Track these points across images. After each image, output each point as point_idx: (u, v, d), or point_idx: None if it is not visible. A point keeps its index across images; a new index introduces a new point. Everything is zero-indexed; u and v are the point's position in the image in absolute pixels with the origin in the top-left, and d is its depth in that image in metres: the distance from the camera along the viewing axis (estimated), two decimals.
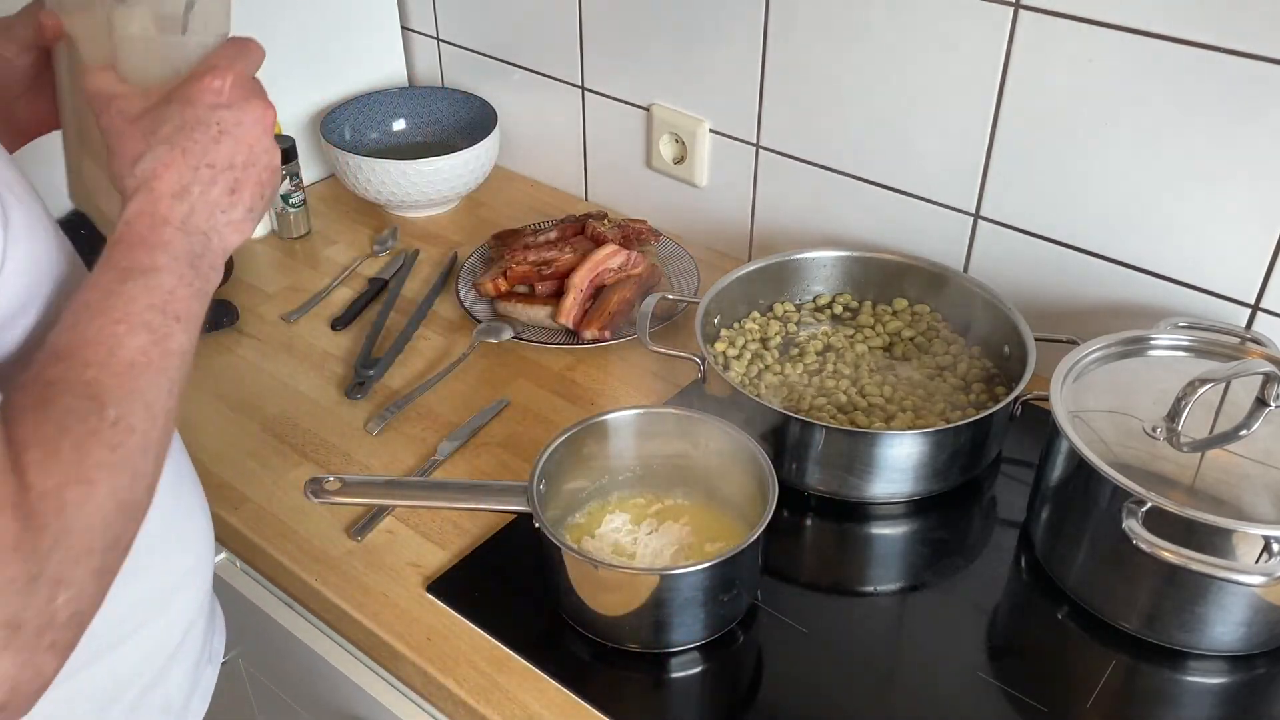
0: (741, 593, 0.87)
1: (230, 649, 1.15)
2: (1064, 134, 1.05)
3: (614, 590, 0.84)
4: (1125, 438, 0.87)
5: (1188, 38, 0.94)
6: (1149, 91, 0.98)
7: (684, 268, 1.30)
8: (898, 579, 0.96)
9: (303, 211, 1.40)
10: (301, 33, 1.43)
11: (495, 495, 0.88)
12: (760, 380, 1.09)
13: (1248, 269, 1.00)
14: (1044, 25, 1.01)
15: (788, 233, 1.31)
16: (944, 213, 1.16)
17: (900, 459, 0.97)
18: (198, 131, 0.63)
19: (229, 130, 0.64)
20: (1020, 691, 0.84)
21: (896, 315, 1.16)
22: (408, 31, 1.58)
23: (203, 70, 0.64)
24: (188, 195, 0.62)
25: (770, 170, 1.29)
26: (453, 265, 1.35)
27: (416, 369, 1.18)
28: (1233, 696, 0.86)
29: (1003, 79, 1.06)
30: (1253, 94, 0.93)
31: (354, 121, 1.49)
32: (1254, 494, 0.84)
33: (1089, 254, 1.08)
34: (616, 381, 1.16)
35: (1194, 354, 0.95)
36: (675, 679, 0.86)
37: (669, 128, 1.34)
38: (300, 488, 0.89)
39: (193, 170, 0.62)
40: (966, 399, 1.06)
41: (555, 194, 1.52)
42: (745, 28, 1.21)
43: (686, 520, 0.93)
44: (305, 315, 1.27)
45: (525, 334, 1.20)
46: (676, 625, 0.85)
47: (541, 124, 1.49)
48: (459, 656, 0.87)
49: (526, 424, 1.10)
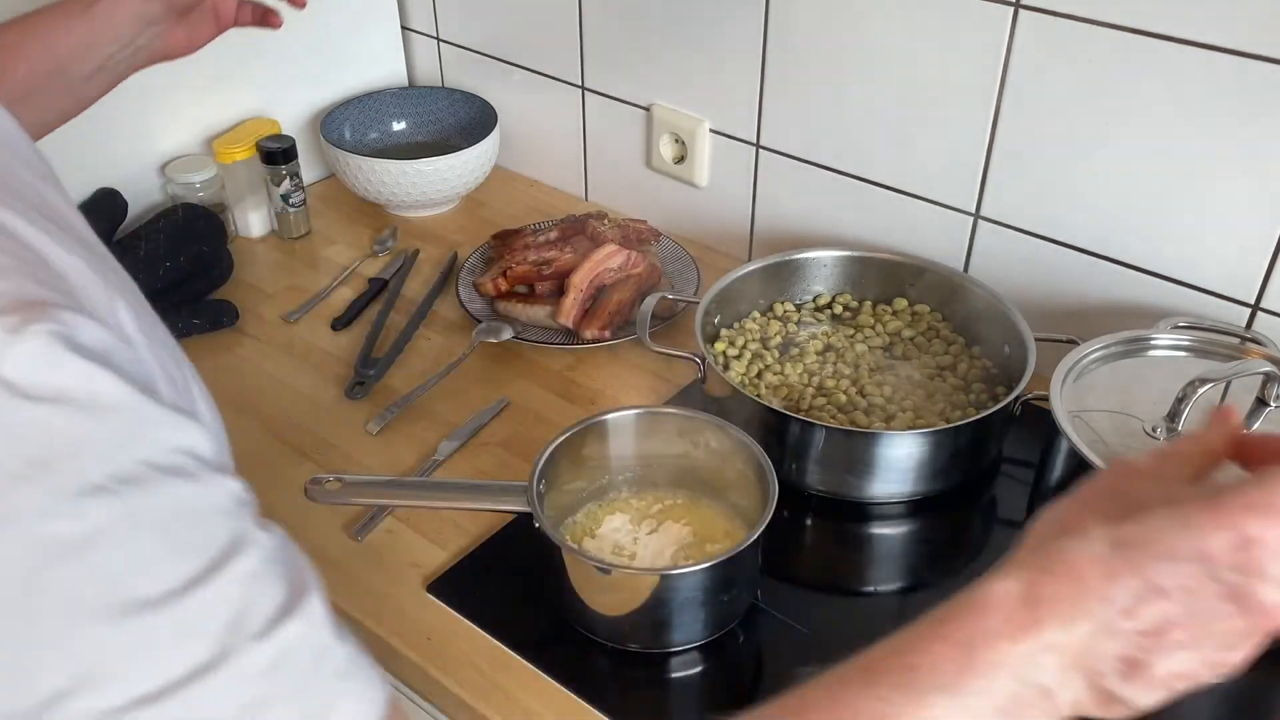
0: (741, 593, 0.87)
1: None
2: (1064, 134, 1.05)
3: (614, 590, 0.84)
4: (1125, 438, 0.87)
5: (1188, 38, 0.94)
6: (1149, 91, 0.98)
7: (684, 268, 1.30)
8: (898, 579, 0.96)
9: (303, 211, 1.40)
10: (301, 33, 1.43)
11: (495, 495, 0.88)
12: (760, 380, 1.09)
13: (1248, 269, 1.00)
14: (1044, 25, 1.01)
15: (788, 233, 1.31)
16: (944, 213, 1.16)
17: (900, 459, 0.97)
18: (1161, 563, 0.44)
19: (1195, 594, 0.44)
20: None
21: (896, 315, 1.16)
22: (408, 31, 1.58)
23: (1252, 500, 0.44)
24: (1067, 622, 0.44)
25: (770, 170, 1.29)
26: (453, 265, 1.35)
27: (416, 369, 1.18)
28: (1233, 696, 0.86)
29: (1003, 79, 1.06)
30: (1253, 94, 0.93)
31: (354, 121, 1.49)
32: None
33: (1089, 254, 1.08)
34: (616, 381, 1.16)
35: (1194, 354, 0.95)
36: (675, 679, 0.86)
37: (669, 128, 1.34)
38: (300, 488, 0.89)
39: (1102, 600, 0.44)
40: (966, 399, 1.06)
41: (555, 194, 1.52)
42: (745, 28, 1.21)
43: (686, 520, 0.93)
44: (305, 315, 1.27)
45: (525, 334, 1.20)
46: (676, 625, 0.85)
47: (541, 124, 1.49)
48: (459, 656, 0.87)
49: (526, 424, 1.10)
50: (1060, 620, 0.44)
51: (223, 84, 1.38)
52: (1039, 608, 0.44)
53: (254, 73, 1.40)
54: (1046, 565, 0.45)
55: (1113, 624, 0.44)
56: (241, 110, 1.41)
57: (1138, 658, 0.44)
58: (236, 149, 1.36)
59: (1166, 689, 0.45)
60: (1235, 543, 0.43)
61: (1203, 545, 0.44)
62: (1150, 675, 0.44)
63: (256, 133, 1.37)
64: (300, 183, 1.38)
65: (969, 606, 0.46)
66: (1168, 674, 0.45)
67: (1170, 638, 0.44)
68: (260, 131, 1.37)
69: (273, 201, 1.38)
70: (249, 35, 1.06)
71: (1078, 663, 0.44)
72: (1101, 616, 0.44)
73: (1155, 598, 0.44)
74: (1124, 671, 0.44)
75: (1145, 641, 0.44)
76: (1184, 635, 0.44)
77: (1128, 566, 0.44)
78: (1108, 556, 0.44)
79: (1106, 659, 0.44)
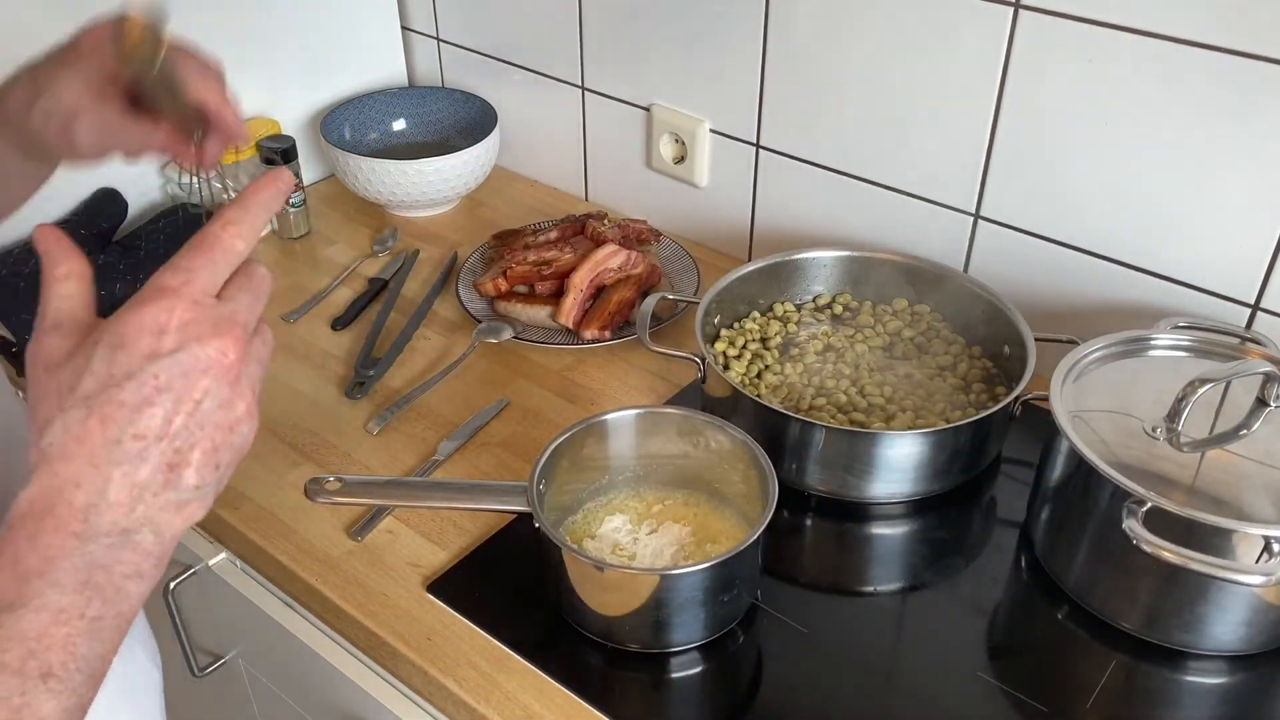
0: (741, 593, 0.87)
1: (230, 649, 1.16)
2: (1064, 134, 1.05)
3: (614, 590, 0.84)
4: (1125, 438, 0.87)
5: (1188, 38, 0.94)
6: (1149, 91, 0.98)
7: (684, 268, 1.30)
8: (898, 579, 0.96)
9: (303, 211, 1.40)
10: (301, 33, 1.43)
11: (495, 495, 0.88)
12: (760, 380, 1.09)
13: (1248, 269, 1.00)
14: (1044, 25, 1.01)
15: (788, 233, 1.31)
16: (944, 213, 1.16)
17: (900, 459, 0.97)
18: (125, 389, 0.47)
19: (169, 386, 0.48)
20: (1020, 691, 0.84)
21: (896, 315, 1.16)
22: (408, 31, 1.58)
23: (146, 295, 0.49)
24: (101, 480, 0.47)
25: (770, 170, 1.29)
26: (453, 265, 1.35)
27: (416, 369, 1.18)
28: (1233, 696, 0.86)
29: (1003, 79, 1.06)
30: (1253, 94, 0.93)
31: (354, 121, 1.49)
32: (1254, 494, 0.84)
33: (1089, 254, 1.08)
34: (616, 381, 1.16)
35: (1194, 354, 0.95)
36: (676, 679, 0.86)
37: (669, 128, 1.34)
38: (300, 488, 0.89)
39: (112, 444, 0.47)
40: (966, 399, 1.05)
41: (555, 194, 1.52)
42: (745, 28, 1.21)
43: (686, 520, 0.93)
44: (305, 315, 1.27)
45: (525, 334, 1.21)
46: (676, 625, 0.85)
47: (541, 124, 1.49)
48: (459, 656, 0.87)
49: (526, 424, 1.10)
50: (91, 487, 0.47)
51: None
52: (65, 492, 0.47)
53: (254, 73, 1.40)
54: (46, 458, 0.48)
55: (130, 455, 0.48)
56: (241, 110, 1.41)
57: (171, 461, 0.49)
58: (236, 149, 1.36)
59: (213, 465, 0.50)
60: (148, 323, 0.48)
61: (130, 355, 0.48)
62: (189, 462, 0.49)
63: (256, 133, 1.37)
64: (300, 183, 1.38)
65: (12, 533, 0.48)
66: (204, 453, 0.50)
67: (176, 427, 0.48)
68: (260, 131, 1.37)
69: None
70: (249, 35, 1.06)
71: (133, 502, 0.48)
72: (116, 458, 0.47)
73: (138, 413, 0.48)
74: (171, 479, 0.49)
75: (164, 445, 0.48)
76: (187, 419, 0.49)
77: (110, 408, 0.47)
78: (86, 418, 0.47)
79: (153, 484, 0.48)
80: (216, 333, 0.49)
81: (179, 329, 0.48)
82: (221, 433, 0.50)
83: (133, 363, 0.48)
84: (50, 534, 0.47)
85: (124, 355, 0.48)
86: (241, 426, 0.51)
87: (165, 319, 0.48)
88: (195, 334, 0.49)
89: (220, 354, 0.49)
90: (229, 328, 0.50)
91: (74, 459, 0.47)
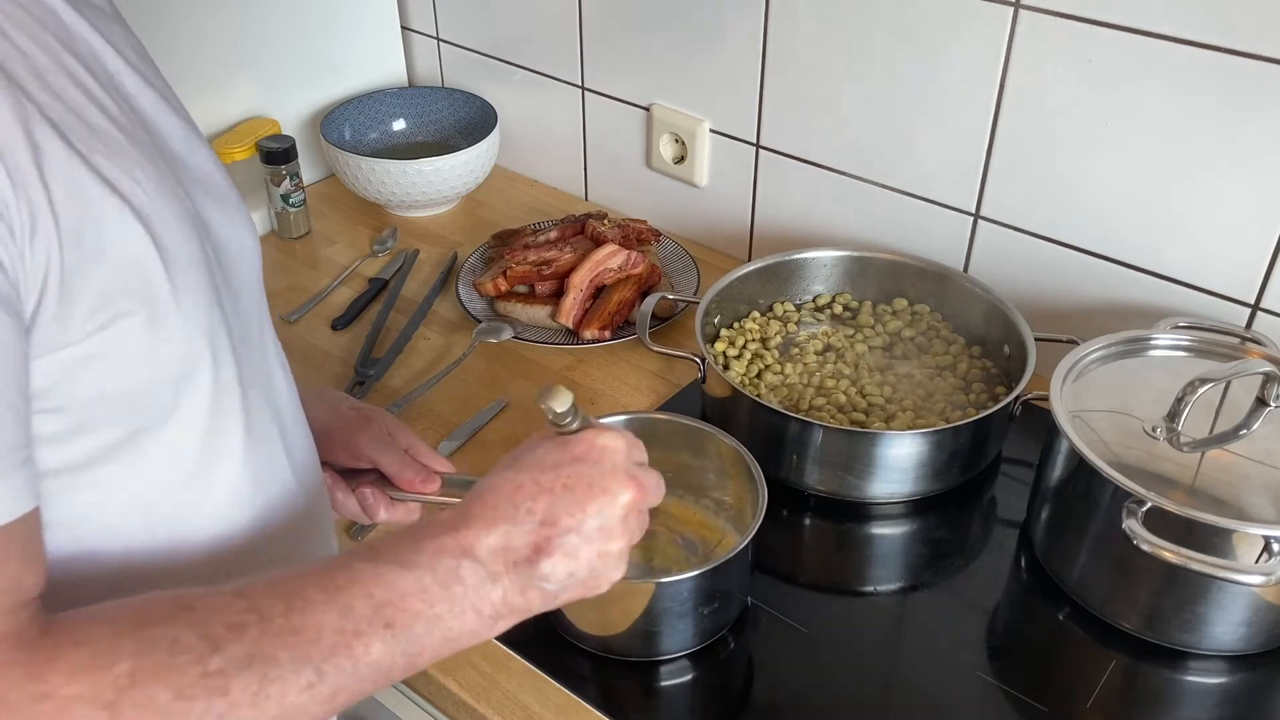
0: (735, 597, 0.87)
1: None
2: (1064, 134, 1.05)
3: (606, 600, 0.84)
4: (1125, 438, 0.87)
5: (1188, 38, 0.94)
6: (1149, 91, 0.98)
7: (684, 268, 1.30)
8: (898, 579, 0.96)
9: (303, 211, 1.40)
10: (301, 33, 1.43)
11: None
12: (760, 380, 1.09)
13: (1248, 269, 1.00)
14: (1044, 25, 1.01)
15: (788, 233, 1.31)
16: (944, 213, 1.16)
17: (900, 459, 0.97)
18: (546, 473, 0.60)
19: (573, 488, 0.60)
20: (1020, 691, 0.84)
21: (896, 315, 1.16)
22: (408, 31, 1.58)
23: (601, 429, 0.62)
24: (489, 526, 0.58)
25: (770, 170, 1.29)
26: (453, 265, 1.35)
27: (416, 369, 1.18)
28: (1233, 696, 0.86)
29: (1003, 79, 1.06)
30: (1253, 94, 0.93)
31: (354, 121, 1.49)
32: (1254, 494, 0.84)
33: (1089, 254, 1.08)
34: (616, 381, 1.16)
35: (1194, 354, 0.95)
36: (675, 680, 0.86)
37: (669, 128, 1.34)
38: None
39: (513, 507, 0.59)
40: (966, 399, 1.05)
41: (555, 194, 1.52)
42: (745, 28, 1.21)
43: (678, 526, 0.93)
44: (305, 315, 1.27)
45: (525, 334, 1.20)
46: (669, 632, 0.84)
47: (541, 124, 1.49)
48: (459, 656, 0.86)
49: (526, 424, 1.10)
50: (484, 523, 0.59)
51: (223, 84, 1.38)
52: (469, 518, 0.59)
53: (254, 73, 1.40)
54: (476, 494, 0.60)
55: (518, 519, 0.59)
56: (241, 110, 1.41)
57: (540, 543, 0.59)
58: (237, 149, 1.36)
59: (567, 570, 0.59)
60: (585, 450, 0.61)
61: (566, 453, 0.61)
62: (552, 554, 0.59)
63: (256, 133, 1.37)
64: (300, 183, 1.38)
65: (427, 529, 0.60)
66: (565, 558, 0.59)
67: (562, 525, 0.59)
68: (260, 131, 1.37)
69: (273, 201, 1.38)
70: (249, 35, 1.06)
71: (501, 550, 0.58)
72: (509, 515, 0.59)
73: (543, 494, 0.59)
74: (532, 557, 0.58)
75: (544, 530, 0.59)
76: (571, 521, 0.59)
77: (528, 480, 0.60)
78: (515, 478, 0.60)
79: (520, 548, 0.59)
80: (630, 475, 0.61)
81: (607, 453, 0.61)
82: (589, 548, 0.60)
83: (562, 458, 0.60)
84: (447, 537, 0.58)
85: (562, 451, 0.61)
86: (609, 561, 0.61)
87: (607, 443, 0.61)
88: (614, 463, 0.61)
89: (623, 489, 0.61)
90: (639, 484, 0.62)
91: (487, 504, 0.59)
